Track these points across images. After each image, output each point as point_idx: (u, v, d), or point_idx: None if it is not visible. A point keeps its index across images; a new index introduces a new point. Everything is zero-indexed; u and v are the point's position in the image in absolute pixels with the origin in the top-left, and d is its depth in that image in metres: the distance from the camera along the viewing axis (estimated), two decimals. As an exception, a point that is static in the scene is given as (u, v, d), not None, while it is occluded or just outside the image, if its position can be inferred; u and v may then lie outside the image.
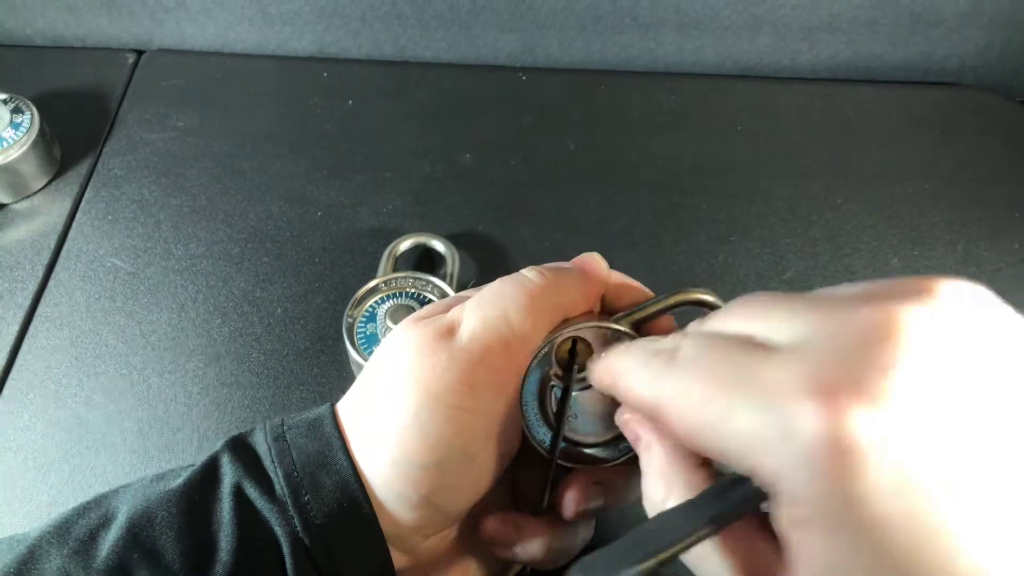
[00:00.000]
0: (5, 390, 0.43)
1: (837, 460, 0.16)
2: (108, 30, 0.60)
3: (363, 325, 0.42)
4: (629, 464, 0.28)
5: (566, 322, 0.28)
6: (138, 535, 0.25)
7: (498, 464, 0.28)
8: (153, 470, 0.40)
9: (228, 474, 0.27)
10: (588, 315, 0.29)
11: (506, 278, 0.28)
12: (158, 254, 0.49)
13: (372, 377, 0.28)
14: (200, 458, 0.28)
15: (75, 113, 0.56)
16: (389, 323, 0.40)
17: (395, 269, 0.46)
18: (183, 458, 0.41)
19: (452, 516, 0.28)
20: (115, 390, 0.43)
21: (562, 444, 0.28)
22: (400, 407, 0.26)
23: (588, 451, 0.28)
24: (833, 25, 0.57)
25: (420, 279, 0.43)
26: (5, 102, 0.51)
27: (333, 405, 0.29)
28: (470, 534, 0.30)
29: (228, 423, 0.42)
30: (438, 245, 0.47)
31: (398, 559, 0.27)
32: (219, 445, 0.28)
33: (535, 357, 0.28)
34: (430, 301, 0.42)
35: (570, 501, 0.28)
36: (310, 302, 0.47)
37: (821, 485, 0.16)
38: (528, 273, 0.28)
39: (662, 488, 0.23)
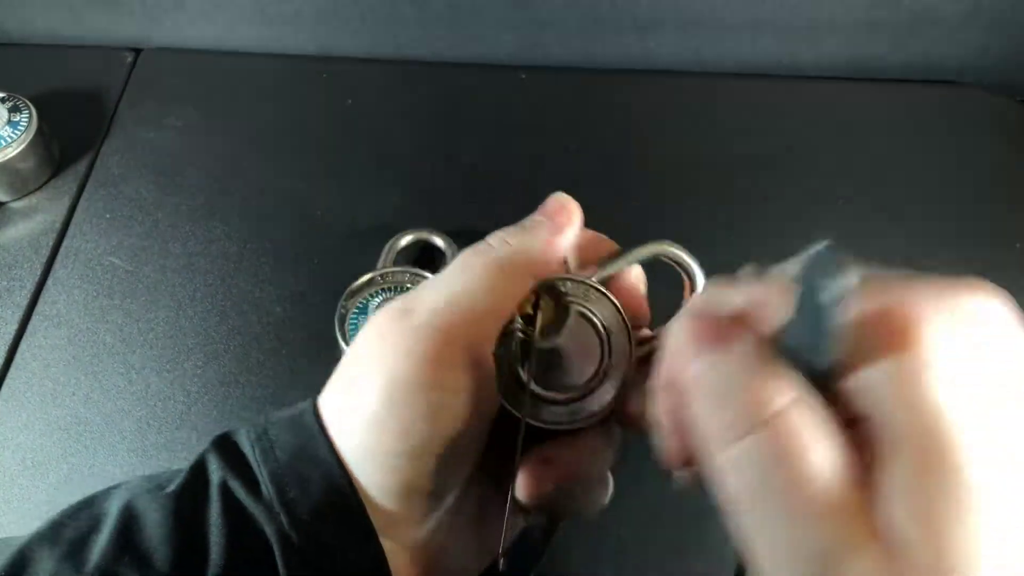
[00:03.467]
0: (3, 389, 0.43)
1: None
2: (106, 29, 0.60)
3: (355, 317, 0.42)
4: (586, 434, 0.28)
5: (545, 279, 0.28)
6: (129, 539, 0.25)
7: (479, 439, 0.27)
8: (152, 469, 0.40)
9: (215, 474, 0.27)
10: (559, 269, 0.29)
11: (468, 250, 0.28)
12: (156, 253, 0.49)
13: (346, 366, 0.28)
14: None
15: (73, 112, 0.56)
16: None
17: (395, 264, 0.46)
18: (182, 456, 0.41)
19: (440, 498, 0.28)
20: (113, 389, 0.43)
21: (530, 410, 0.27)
22: (370, 395, 0.26)
23: (553, 409, 0.28)
24: (834, 25, 0.57)
25: (417, 274, 0.43)
26: (3, 100, 0.51)
27: (315, 400, 0.29)
28: (464, 517, 0.30)
29: (227, 422, 0.42)
30: (438, 241, 0.47)
31: (392, 550, 0.27)
32: (206, 445, 0.28)
33: (507, 323, 0.27)
34: None
35: (524, 486, 0.27)
36: (309, 301, 0.47)
37: None
38: (491, 240, 0.28)
39: None
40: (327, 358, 0.44)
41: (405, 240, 0.47)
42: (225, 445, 0.28)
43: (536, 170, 0.53)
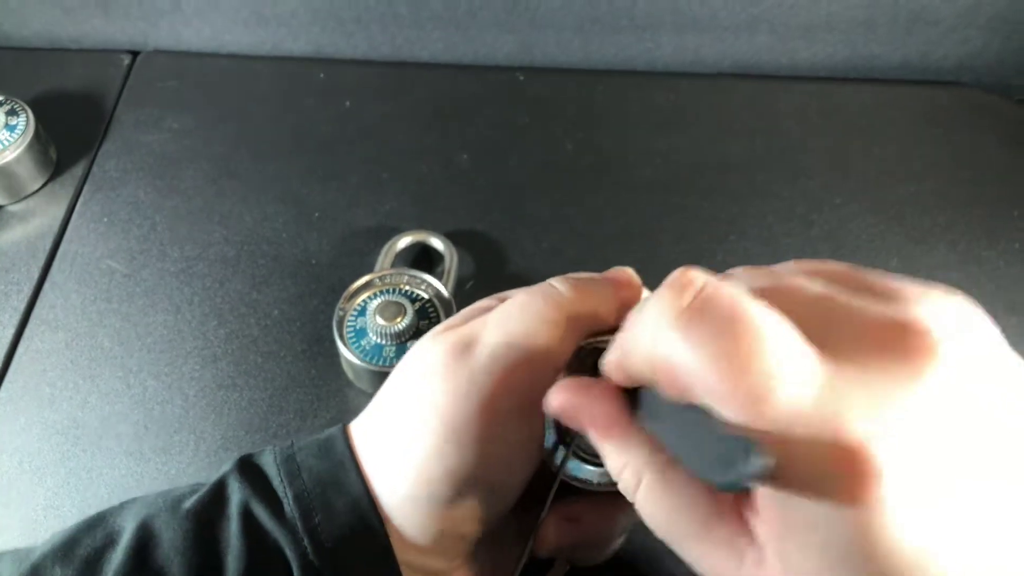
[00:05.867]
0: (1, 393, 0.43)
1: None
2: (103, 31, 0.60)
3: (353, 319, 0.42)
4: (614, 497, 0.27)
5: (594, 336, 0.27)
6: (145, 558, 0.25)
7: (519, 488, 0.27)
8: (150, 473, 0.40)
9: (236, 495, 0.26)
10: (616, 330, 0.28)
11: (532, 289, 0.27)
12: (154, 256, 0.48)
13: (389, 398, 0.27)
14: (198, 462, 0.28)
15: (70, 115, 0.56)
16: (378, 319, 0.40)
17: (393, 265, 0.46)
18: (180, 460, 0.41)
19: (471, 541, 0.27)
20: (111, 393, 0.43)
21: (571, 460, 0.27)
22: (417, 439, 0.25)
23: (588, 468, 0.28)
24: (831, 24, 0.57)
25: (415, 277, 0.43)
26: (0, 104, 0.51)
27: (345, 425, 0.28)
28: (481, 544, 0.29)
29: (225, 425, 0.42)
30: (437, 243, 0.47)
31: None
32: (228, 466, 0.28)
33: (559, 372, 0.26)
34: (422, 298, 0.42)
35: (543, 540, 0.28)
36: (307, 304, 0.46)
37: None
38: (557, 284, 0.27)
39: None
40: (325, 361, 0.44)
41: (403, 242, 0.47)
42: (248, 466, 0.27)
43: (535, 171, 0.53)
